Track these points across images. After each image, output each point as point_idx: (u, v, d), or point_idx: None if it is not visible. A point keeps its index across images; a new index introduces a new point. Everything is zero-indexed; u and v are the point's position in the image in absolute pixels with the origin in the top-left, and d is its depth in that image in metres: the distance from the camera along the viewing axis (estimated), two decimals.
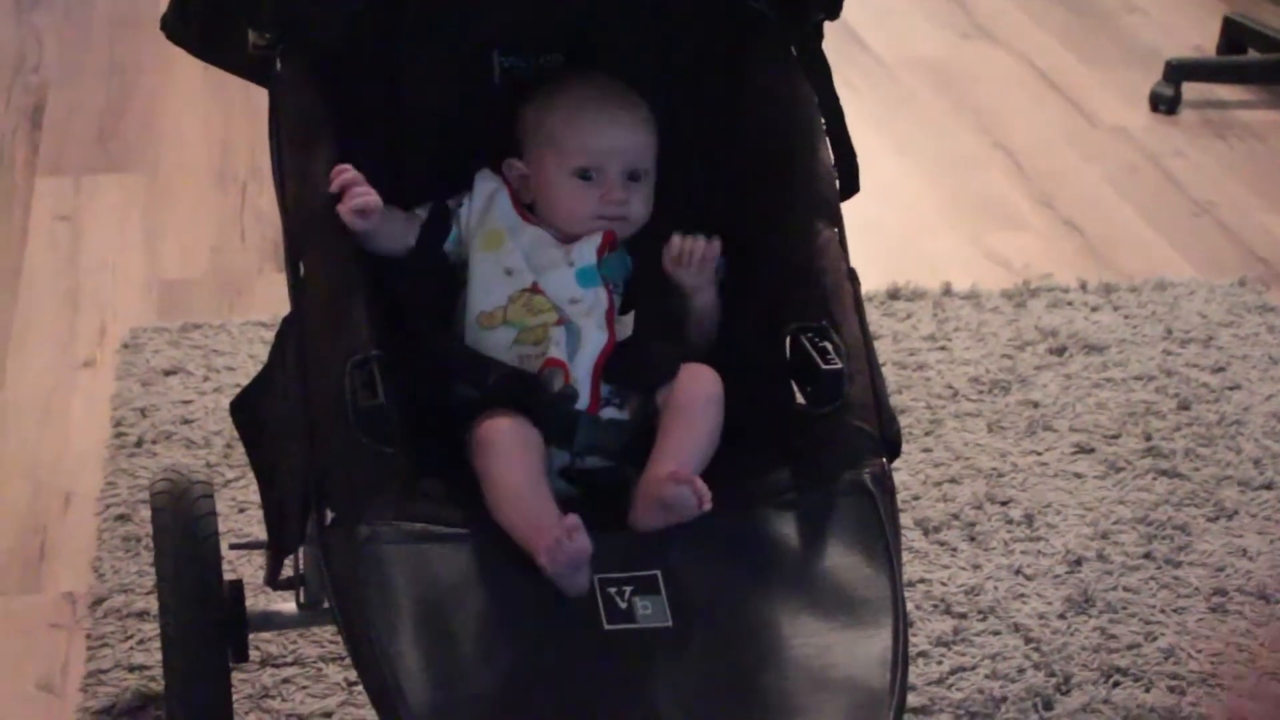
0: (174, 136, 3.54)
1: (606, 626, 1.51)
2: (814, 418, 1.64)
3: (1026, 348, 2.92)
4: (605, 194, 1.74)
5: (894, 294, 3.06)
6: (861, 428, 1.63)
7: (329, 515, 1.54)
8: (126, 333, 2.86)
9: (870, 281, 3.01)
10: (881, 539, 1.59)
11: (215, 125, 3.56)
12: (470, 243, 1.75)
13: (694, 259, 1.71)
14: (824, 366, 1.63)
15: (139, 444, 2.59)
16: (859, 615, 1.54)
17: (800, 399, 1.67)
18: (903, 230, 3.31)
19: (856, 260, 1.74)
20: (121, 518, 2.43)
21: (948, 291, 3.08)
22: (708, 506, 1.55)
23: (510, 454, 1.59)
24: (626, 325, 1.71)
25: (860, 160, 1.77)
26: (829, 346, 1.65)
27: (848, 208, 1.79)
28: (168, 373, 2.76)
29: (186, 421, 2.64)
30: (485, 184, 1.78)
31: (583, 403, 1.67)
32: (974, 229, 3.33)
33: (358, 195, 1.64)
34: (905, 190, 3.47)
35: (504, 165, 1.78)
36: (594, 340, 1.70)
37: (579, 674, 1.49)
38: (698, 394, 1.66)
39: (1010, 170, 3.56)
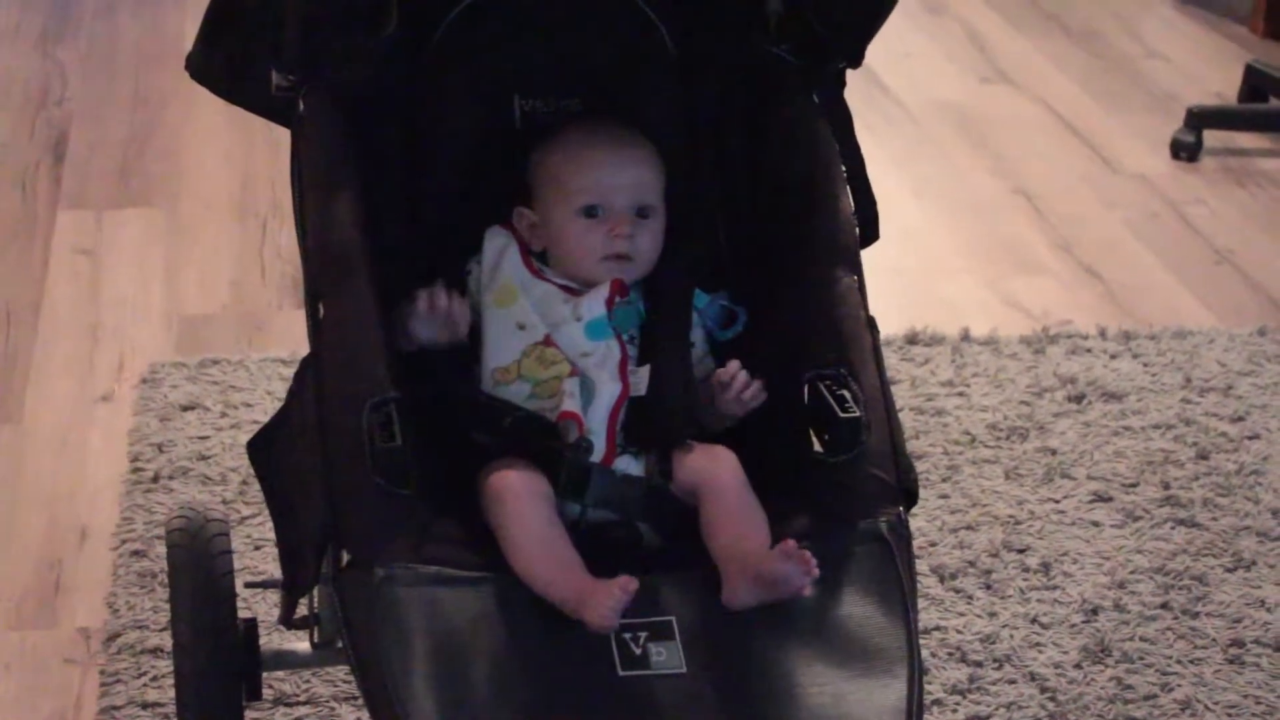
0: (196, 171, 3.56)
1: (621, 673, 1.51)
2: (831, 465, 1.64)
3: (1045, 394, 2.92)
4: (611, 228, 1.75)
5: (912, 339, 3.06)
6: (878, 476, 1.63)
7: (344, 556, 1.54)
8: (145, 367, 2.87)
9: (888, 326, 3.02)
10: (897, 587, 1.58)
11: (237, 160, 3.58)
12: (482, 300, 1.75)
13: (734, 391, 1.70)
14: (842, 414, 1.63)
15: (155, 479, 2.59)
16: (874, 664, 1.54)
17: (818, 446, 1.67)
18: (921, 274, 3.31)
19: (875, 304, 1.74)
20: (137, 553, 2.43)
21: (966, 337, 3.08)
22: (815, 574, 1.54)
23: (520, 506, 1.59)
24: (642, 377, 1.71)
25: (879, 204, 1.78)
26: (847, 394, 1.65)
27: (866, 251, 1.79)
28: (185, 408, 2.76)
29: (203, 457, 2.64)
30: (495, 240, 1.78)
31: (597, 455, 1.67)
32: (993, 274, 3.33)
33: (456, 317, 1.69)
34: (924, 234, 3.47)
35: (514, 215, 1.79)
36: (608, 391, 1.70)
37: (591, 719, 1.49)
38: (730, 476, 1.65)
39: (1030, 215, 3.56)
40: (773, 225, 1.79)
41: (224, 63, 1.78)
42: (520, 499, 1.61)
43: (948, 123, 3.95)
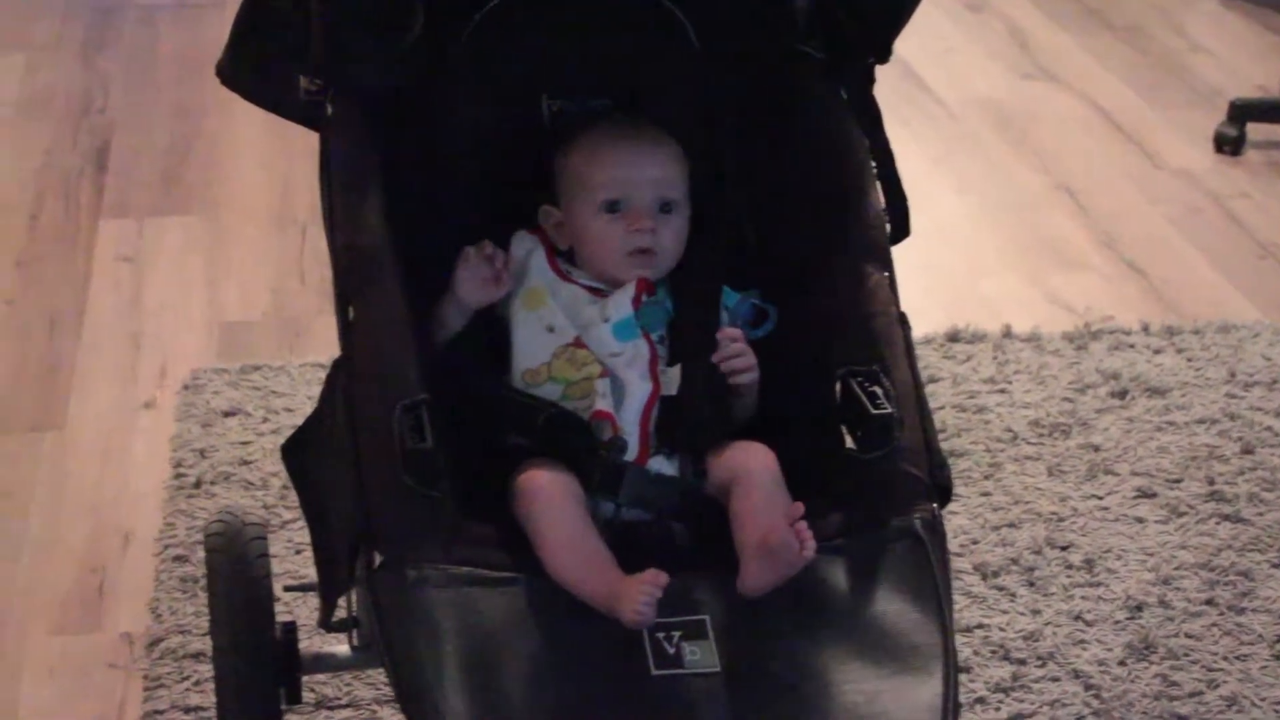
0: (236, 179, 3.57)
1: (654, 672, 1.51)
2: (864, 463, 1.64)
3: (1088, 391, 2.90)
4: (633, 223, 1.74)
5: (954, 336, 3.04)
6: (912, 473, 1.62)
7: (377, 558, 1.55)
8: (187, 374, 2.88)
9: (930, 323, 3.04)
10: (931, 584, 1.57)
11: (276, 167, 3.59)
12: (512, 303, 1.75)
13: (728, 363, 1.71)
14: (874, 411, 1.62)
15: (198, 485, 2.60)
16: (909, 662, 1.53)
17: (850, 444, 1.67)
18: (963, 271, 3.30)
19: (916, 301, 1.73)
20: (179, 558, 2.44)
21: (1008, 334, 3.06)
22: (809, 553, 1.53)
23: (552, 507, 1.59)
24: (673, 377, 1.71)
25: (920, 201, 1.77)
26: (879, 391, 1.64)
27: (907, 248, 1.78)
28: (227, 414, 2.77)
29: (245, 463, 2.65)
30: (522, 243, 1.79)
31: (631, 454, 1.67)
32: (1035, 270, 3.31)
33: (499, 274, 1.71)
34: (966, 231, 3.45)
35: (540, 213, 1.79)
36: (639, 391, 1.70)
37: (625, 719, 1.49)
38: (763, 470, 1.65)
39: (1072, 211, 3.54)
40: (802, 222, 1.79)
41: (253, 68, 1.79)
42: (552, 499, 1.61)
43: (989, 119, 3.93)
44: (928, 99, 4.01)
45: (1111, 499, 2.63)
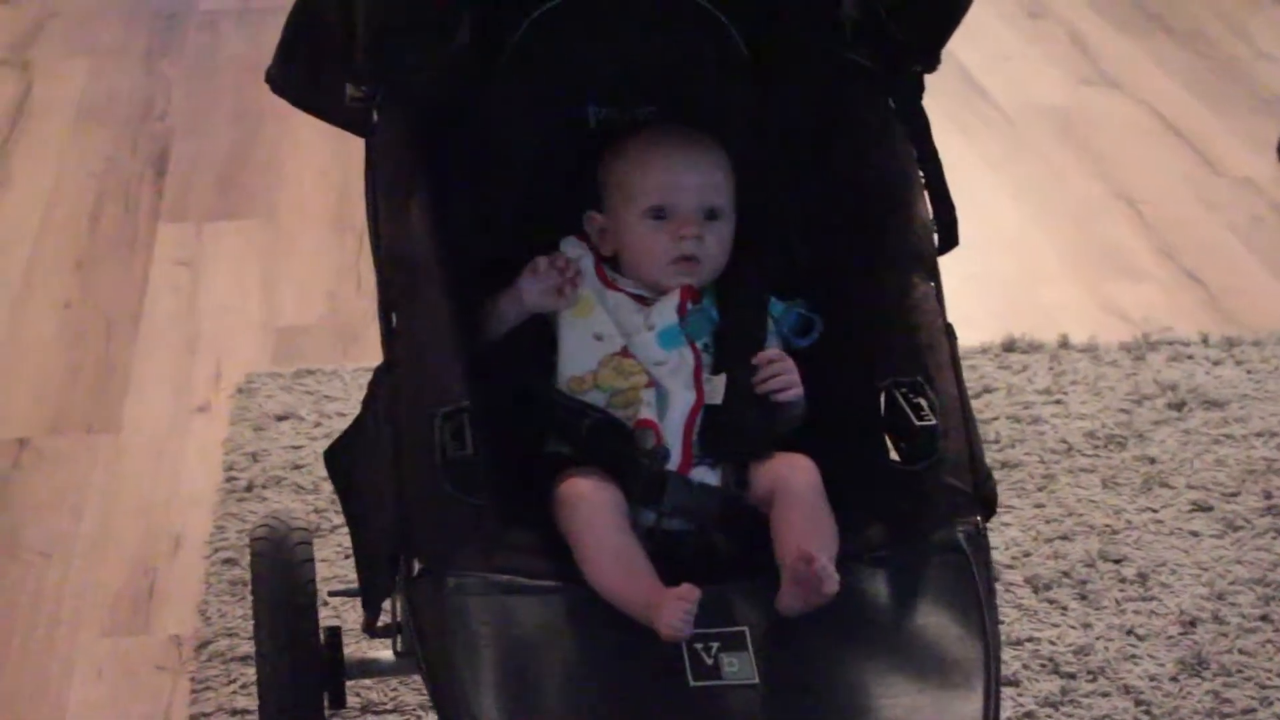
0: (294, 184, 3.59)
1: (692, 683, 1.50)
2: (907, 474, 1.63)
3: (1144, 402, 2.87)
4: (677, 229, 1.74)
5: (1009, 346, 3.02)
6: (955, 485, 1.61)
7: (416, 565, 1.55)
8: (241, 377, 2.89)
9: (985, 333, 3.02)
10: (974, 598, 1.56)
11: (334, 173, 3.61)
12: (560, 310, 1.76)
13: (767, 384, 1.71)
14: (917, 423, 1.61)
15: (249, 488, 2.61)
16: (949, 676, 1.52)
17: (894, 455, 1.66)
18: (1019, 280, 3.27)
19: (971, 310, 1.73)
20: (229, 561, 2.45)
21: (1065, 344, 3.03)
22: (830, 589, 1.52)
23: (594, 516, 1.59)
24: (717, 386, 1.71)
25: (977, 209, 1.76)
26: (923, 402, 1.63)
27: (963, 257, 1.77)
28: (280, 418, 2.79)
29: (296, 467, 2.66)
30: (570, 250, 1.79)
31: (673, 463, 1.67)
32: (1093, 279, 3.28)
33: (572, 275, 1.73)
34: (1023, 239, 3.42)
35: (585, 219, 1.79)
36: (682, 400, 1.70)
37: None
38: (805, 485, 1.64)
39: (1131, 219, 3.51)
40: (848, 232, 1.78)
41: (301, 75, 1.79)
42: (593, 508, 1.61)
43: (1048, 126, 3.90)
44: (987, 106, 3.98)
45: (1166, 512, 2.60)
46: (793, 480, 1.63)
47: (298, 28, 1.77)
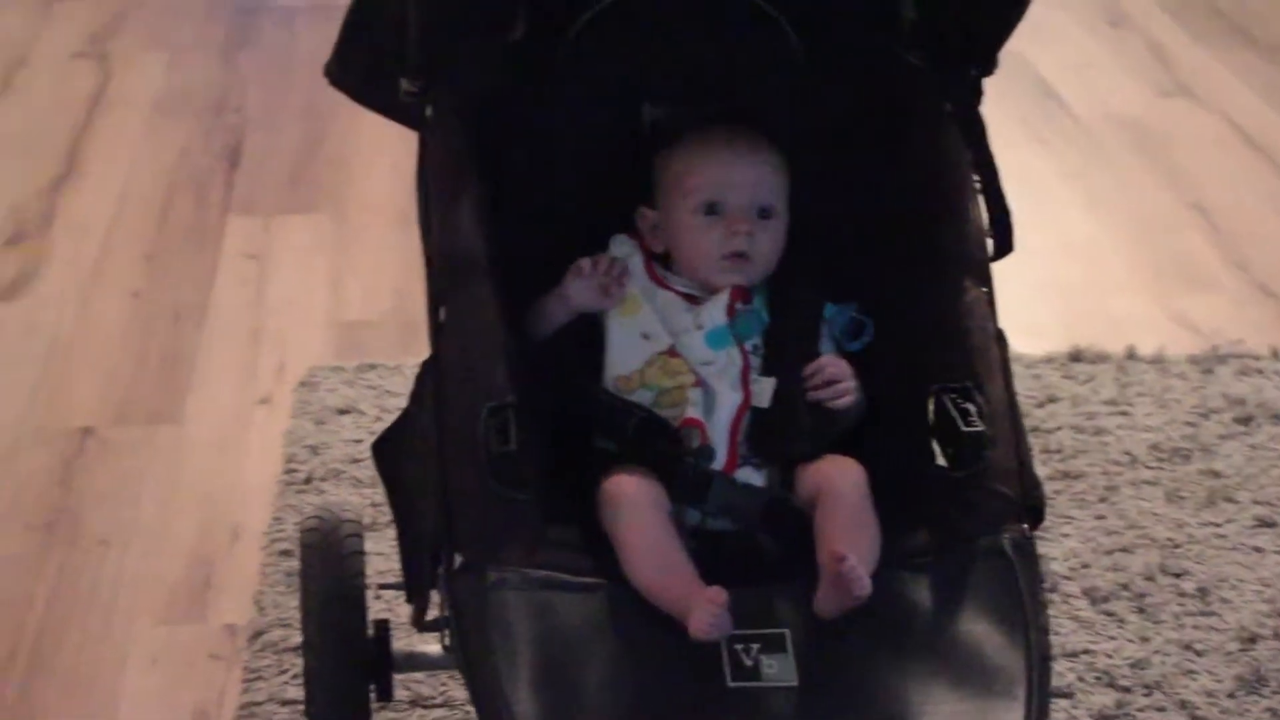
0: (364, 179, 3.61)
1: (730, 683, 1.49)
2: (953, 480, 1.61)
3: (1211, 416, 2.83)
4: (729, 225, 1.73)
5: (1076, 356, 2.99)
6: (1002, 492, 1.60)
7: (458, 559, 1.55)
8: (304, 371, 2.91)
9: (1051, 342, 2.99)
10: (1019, 606, 1.54)
11: (404, 169, 3.54)
12: (605, 310, 1.75)
13: (820, 385, 1.70)
14: (964, 429, 1.60)
15: (308, 481, 2.62)
16: (990, 685, 1.50)
17: (942, 460, 1.64)
18: (1088, 290, 3.23)
19: (1038, 319, 1.71)
20: (285, 553, 2.46)
21: (1132, 355, 3.00)
22: (861, 593, 1.51)
23: (637, 514, 1.59)
24: (765, 388, 1.70)
25: (1048, 218, 1.75)
26: (971, 408, 1.61)
27: (1031, 264, 1.75)
28: (341, 411, 2.80)
29: (356, 460, 2.67)
30: (620, 248, 1.79)
31: (718, 463, 1.66)
32: (1163, 291, 3.25)
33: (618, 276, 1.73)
34: (1094, 249, 3.38)
35: (636, 215, 1.79)
36: (729, 401, 1.69)
37: None
38: (850, 486, 1.63)
39: (1205, 232, 3.46)
40: (901, 235, 1.76)
41: (359, 69, 1.80)
42: (637, 506, 1.60)
43: (1124, 136, 3.86)
44: (1063, 115, 3.94)
45: (1230, 527, 2.57)
46: (838, 482, 1.62)
47: (355, 23, 1.78)
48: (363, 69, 1.78)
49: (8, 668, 2.27)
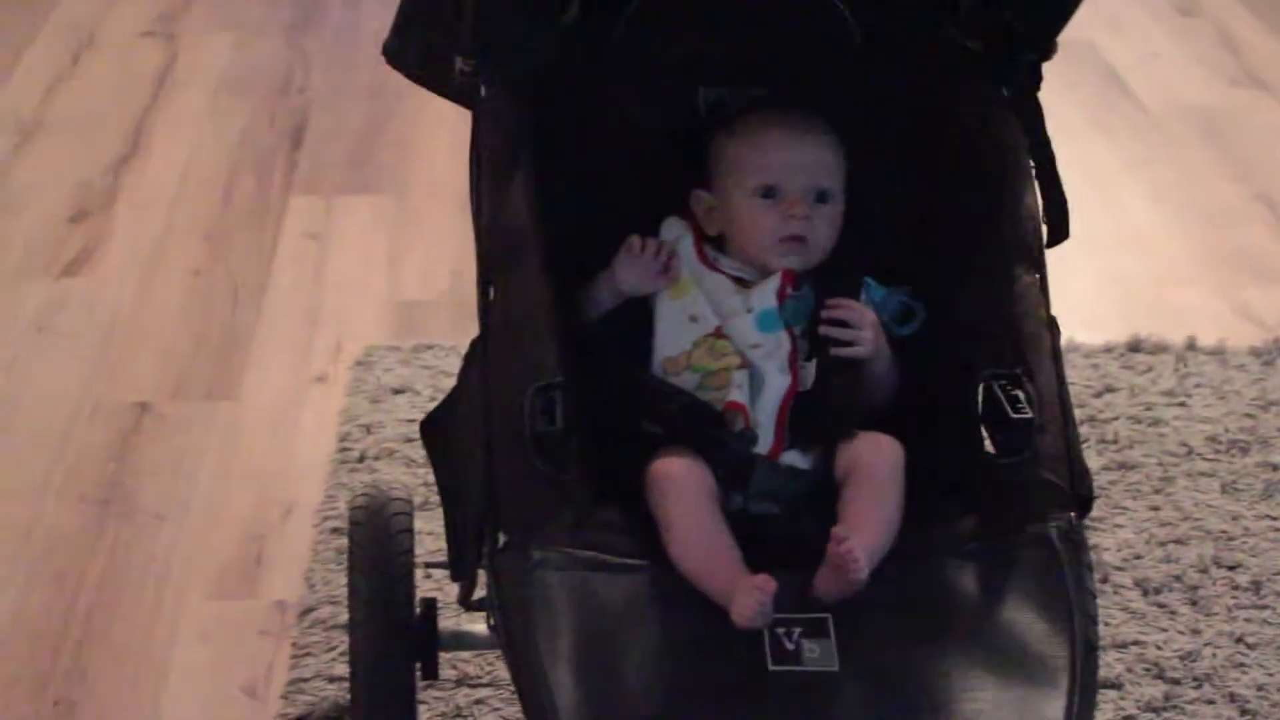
0: (425, 160, 3.62)
1: (772, 667, 1.49)
2: (1001, 467, 1.60)
3: (1271, 408, 2.80)
4: (787, 209, 1.72)
5: (1135, 346, 2.96)
6: (1050, 480, 1.58)
7: (501, 538, 1.55)
8: (361, 350, 2.92)
9: (1111, 332, 2.97)
10: (1064, 596, 1.53)
11: (465, 150, 3.60)
12: (655, 292, 1.75)
13: (825, 329, 1.69)
14: (1013, 415, 1.58)
15: (361, 459, 2.64)
16: (1034, 674, 1.49)
17: (990, 447, 1.63)
18: (1150, 280, 3.20)
19: (1099, 309, 1.69)
20: (337, 531, 2.47)
21: (1192, 346, 2.97)
22: (855, 576, 1.50)
23: (683, 496, 1.58)
24: (811, 371, 1.69)
25: (1111, 207, 1.74)
26: (1020, 395, 1.60)
27: (1093, 254, 1.74)
28: (396, 391, 2.81)
29: (409, 440, 2.68)
30: (671, 230, 1.78)
31: (763, 446, 1.66)
32: (1227, 282, 3.21)
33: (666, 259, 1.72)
34: (1158, 239, 3.35)
35: (691, 198, 1.78)
36: (776, 384, 1.68)
37: (739, 713, 1.47)
38: (881, 464, 1.62)
39: (1271, 224, 3.43)
40: (954, 220, 1.75)
41: (415, 48, 1.80)
42: (682, 488, 1.60)
43: (1191, 126, 3.82)
44: (1130, 104, 3.91)
45: None
46: (870, 460, 1.61)
47: (413, 2, 1.77)
48: (419, 48, 1.78)
49: (61, 639, 2.30)
